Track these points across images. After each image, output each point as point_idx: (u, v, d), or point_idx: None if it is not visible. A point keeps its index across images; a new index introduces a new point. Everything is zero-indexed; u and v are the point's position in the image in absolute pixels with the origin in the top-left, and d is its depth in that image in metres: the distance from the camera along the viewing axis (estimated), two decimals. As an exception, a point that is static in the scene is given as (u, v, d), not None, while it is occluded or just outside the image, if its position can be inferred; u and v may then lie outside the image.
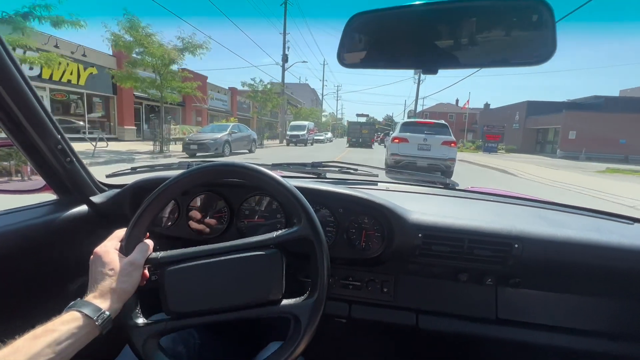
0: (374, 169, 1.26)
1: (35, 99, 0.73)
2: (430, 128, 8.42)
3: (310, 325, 0.56)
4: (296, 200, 0.61)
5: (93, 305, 0.51)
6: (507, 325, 0.99)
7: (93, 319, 0.49)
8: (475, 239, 0.87)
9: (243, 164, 0.64)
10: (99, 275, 0.55)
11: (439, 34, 0.56)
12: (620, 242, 0.84)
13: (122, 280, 0.55)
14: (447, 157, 7.98)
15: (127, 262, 0.57)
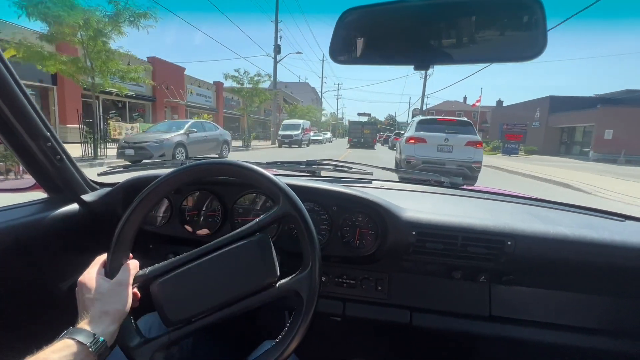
0: (369, 167, 1.27)
1: (24, 97, 0.72)
2: (452, 126, 7.17)
3: (311, 297, 0.56)
4: (272, 183, 0.61)
5: (85, 331, 0.49)
6: (500, 322, 1.00)
7: (86, 345, 0.47)
8: (468, 237, 0.87)
9: (229, 161, 0.63)
10: (87, 301, 0.54)
11: (430, 30, 0.56)
12: (612, 239, 0.85)
13: (112, 301, 0.54)
14: (472, 159, 6.82)
15: (114, 283, 0.56)
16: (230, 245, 0.59)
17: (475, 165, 6.84)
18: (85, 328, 0.50)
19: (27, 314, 0.47)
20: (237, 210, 1.02)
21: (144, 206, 0.61)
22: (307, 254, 0.59)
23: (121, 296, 0.55)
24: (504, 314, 1.00)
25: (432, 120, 7.79)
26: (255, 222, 0.61)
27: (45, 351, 0.45)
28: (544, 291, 1.00)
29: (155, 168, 1.17)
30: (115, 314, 0.53)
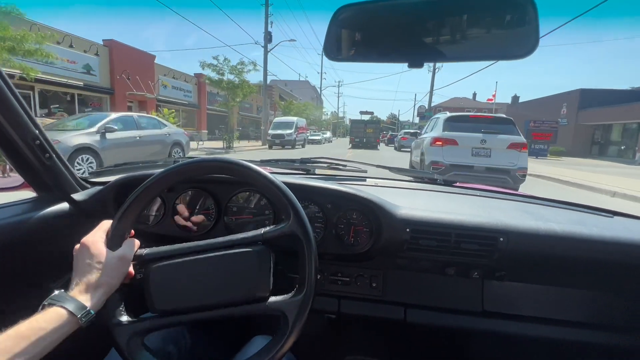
0: (363, 165, 1.29)
1: (10, 93, 0.71)
2: (489, 125, 5.87)
3: (297, 323, 0.56)
4: (284, 196, 0.60)
5: (78, 302, 0.50)
6: (493, 317, 1.01)
7: (77, 317, 0.49)
8: (462, 233, 0.88)
9: (231, 159, 0.63)
10: (86, 267, 0.54)
11: (424, 27, 0.57)
12: (602, 234, 0.86)
13: (109, 274, 0.54)
14: (515, 166, 5.54)
15: (117, 256, 0.56)
16: (231, 249, 0.59)
17: (520, 174, 5.63)
18: (78, 298, 0.50)
19: (16, 315, 0.46)
20: (231, 209, 1.01)
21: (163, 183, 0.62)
22: (304, 279, 0.58)
23: (120, 271, 0.55)
24: (497, 309, 1.02)
25: (464, 118, 6.42)
26: (260, 233, 0.60)
27: (38, 319, 0.46)
28: (535, 286, 1.02)
29: (147, 168, 1.16)
30: (109, 288, 0.54)
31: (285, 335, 0.55)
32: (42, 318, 0.46)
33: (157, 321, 0.57)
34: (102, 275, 0.53)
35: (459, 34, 0.55)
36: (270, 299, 0.58)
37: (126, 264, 0.57)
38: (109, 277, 0.54)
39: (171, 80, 20.60)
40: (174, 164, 0.62)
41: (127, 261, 0.57)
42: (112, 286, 0.54)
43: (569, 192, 7.45)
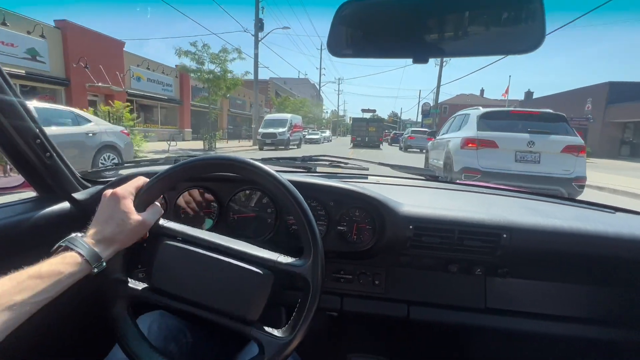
0: (365, 163, 1.27)
1: (11, 92, 0.70)
2: (536, 122, 4.75)
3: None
4: (312, 234, 0.59)
5: (94, 251, 0.52)
6: (496, 314, 1.01)
7: (91, 267, 0.51)
8: (465, 230, 0.88)
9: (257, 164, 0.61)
10: (109, 219, 0.55)
11: (429, 22, 0.56)
12: (605, 230, 0.86)
13: (127, 234, 0.55)
14: (572, 174, 4.44)
15: (139, 220, 0.57)
16: (242, 261, 0.59)
17: (577, 184, 4.44)
18: (96, 249, 0.52)
19: None
20: (233, 207, 1.00)
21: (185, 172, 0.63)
22: (297, 323, 0.57)
23: (136, 234, 0.57)
24: (500, 305, 1.02)
25: (503, 114, 5.04)
26: (274, 260, 0.59)
27: (57, 262, 0.49)
28: (538, 283, 1.02)
29: (148, 165, 1.15)
30: (122, 245, 0.56)
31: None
32: (61, 262, 0.49)
33: (147, 294, 0.59)
34: (121, 232, 0.55)
35: (464, 28, 0.55)
36: (256, 327, 0.57)
37: (145, 229, 0.58)
38: (125, 236, 0.55)
39: (146, 71, 17.83)
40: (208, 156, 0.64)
41: (146, 227, 0.58)
42: (126, 245, 0.57)
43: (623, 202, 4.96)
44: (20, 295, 0.44)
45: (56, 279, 0.47)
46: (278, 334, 0.57)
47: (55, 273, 0.47)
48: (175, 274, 0.58)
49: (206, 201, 1.00)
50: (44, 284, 0.46)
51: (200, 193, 1.00)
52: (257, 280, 0.57)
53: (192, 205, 0.99)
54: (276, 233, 0.97)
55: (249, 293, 0.57)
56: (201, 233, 0.61)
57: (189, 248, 0.59)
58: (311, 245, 0.59)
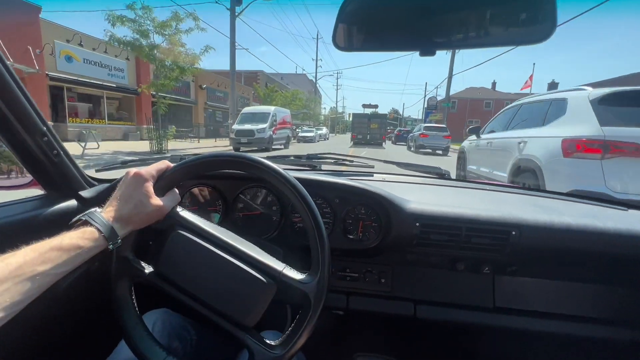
0: (370, 161, 1.27)
1: (19, 90, 0.70)
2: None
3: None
4: (321, 252, 0.59)
5: (112, 229, 0.53)
6: (505, 313, 1.00)
7: (108, 243, 0.52)
8: (472, 227, 0.87)
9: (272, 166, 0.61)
10: (129, 198, 0.56)
11: (435, 14, 0.55)
12: (617, 227, 0.85)
13: (143, 217, 0.56)
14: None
15: (158, 205, 0.57)
16: (248, 265, 0.59)
17: None
18: (113, 225, 0.53)
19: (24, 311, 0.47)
20: (238, 205, 1.01)
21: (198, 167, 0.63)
22: (291, 338, 0.57)
23: (152, 218, 0.58)
24: (508, 304, 1.01)
25: None
26: (280, 272, 0.59)
27: (77, 236, 0.50)
28: (548, 282, 1.01)
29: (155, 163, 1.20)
30: (137, 227, 0.57)
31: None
32: (81, 236, 0.50)
33: (151, 277, 0.59)
34: (138, 214, 0.55)
35: (471, 19, 0.54)
36: (250, 334, 0.57)
37: (161, 214, 0.59)
38: (141, 218, 0.56)
39: (79, 49, 13.24)
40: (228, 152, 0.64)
41: (163, 212, 0.59)
42: (140, 226, 0.57)
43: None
44: (42, 266, 0.45)
45: (76, 253, 0.49)
46: (272, 344, 0.57)
47: (76, 247, 0.49)
48: (182, 264, 0.58)
49: (212, 199, 1.00)
50: (65, 256, 0.47)
51: (206, 191, 1.01)
52: (260, 287, 0.57)
53: (197, 203, 1.00)
54: (281, 231, 0.96)
55: (249, 299, 0.57)
56: (214, 229, 0.61)
57: (198, 241, 0.59)
58: (319, 265, 0.58)
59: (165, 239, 0.59)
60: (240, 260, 0.58)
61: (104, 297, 0.61)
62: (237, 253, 0.59)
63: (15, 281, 0.42)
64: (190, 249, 0.58)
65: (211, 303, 0.57)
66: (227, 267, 0.58)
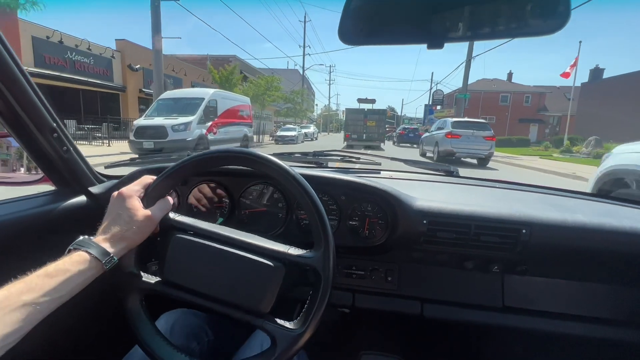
0: (377, 158, 1.28)
1: (30, 88, 0.71)
2: None
3: (283, 356, 0.56)
4: (322, 227, 0.59)
5: (102, 248, 0.53)
6: (514, 313, 0.98)
7: (102, 262, 0.51)
8: (481, 225, 0.85)
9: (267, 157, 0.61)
10: (117, 217, 0.56)
11: (443, 5, 0.54)
12: (634, 226, 0.82)
13: (135, 230, 0.56)
14: None
15: (146, 215, 0.57)
16: (253, 253, 0.59)
17: None
18: (103, 245, 0.53)
19: None
20: (244, 202, 1.01)
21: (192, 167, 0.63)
22: (309, 313, 0.57)
23: (145, 229, 0.57)
24: (518, 304, 0.99)
25: None
26: (286, 253, 0.59)
27: (65, 261, 0.50)
28: (558, 281, 0.99)
29: (162, 162, 1.16)
30: (132, 242, 0.56)
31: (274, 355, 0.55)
32: (68, 261, 0.50)
33: (160, 287, 0.59)
34: (129, 229, 0.55)
35: (480, 10, 0.52)
36: (268, 319, 0.57)
37: (154, 224, 0.58)
38: (134, 232, 0.56)
39: None
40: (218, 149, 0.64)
41: (154, 221, 0.58)
42: (135, 241, 0.57)
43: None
44: (28, 295, 0.44)
45: (64, 277, 0.48)
46: (290, 326, 0.57)
47: (63, 271, 0.48)
48: (187, 267, 0.59)
49: (218, 196, 1.01)
50: (52, 282, 0.46)
51: (212, 187, 1.01)
52: (269, 272, 0.57)
53: (204, 201, 1.01)
54: (287, 228, 0.96)
55: (261, 285, 0.57)
56: (211, 226, 0.62)
57: (199, 241, 0.59)
58: (322, 236, 0.59)
59: (166, 246, 0.59)
60: (243, 250, 0.59)
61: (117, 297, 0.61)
62: (240, 244, 0.59)
63: (3, 313, 0.42)
64: (192, 249, 0.59)
65: (224, 298, 0.58)
66: (233, 259, 0.58)
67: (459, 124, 10.96)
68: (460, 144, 10.50)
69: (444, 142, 10.77)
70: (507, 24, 0.52)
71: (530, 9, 0.51)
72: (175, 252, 0.59)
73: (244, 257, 0.58)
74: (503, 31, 0.53)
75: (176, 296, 0.59)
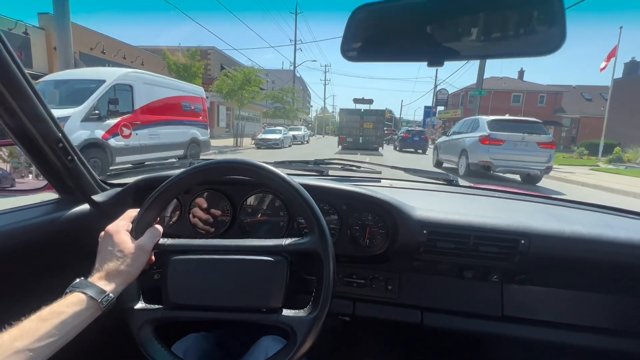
0: (377, 166, 1.28)
1: (36, 98, 0.73)
2: None
3: (305, 342, 0.56)
4: (311, 211, 0.61)
5: (97, 287, 0.52)
6: (513, 322, 0.99)
7: (98, 301, 0.51)
8: (480, 235, 0.86)
9: (255, 163, 0.63)
10: (108, 255, 0.56)
11: (443, 25, 0.56)
12: (630, 237, 0.83)
13: (129, 263, 0.56)
14: None
15: (137, 246, 0.57)
16: (251, 254, 0.60)
17: None
18: (98, 284, 0.53)
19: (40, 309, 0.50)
20: (246, 210, 1.01)
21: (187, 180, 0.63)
22: (318, 297, 0.58)
23: (139, 261, 0.57)
24: (517, 314, 1.00)
25: None
26: (282, 244, 0.60)
27: (60, 304, 0.49)
28: (557, 291, 0.99)
29: (165, 169, 1.16)
30: (128, 276, 0.56)
31: (292, 352, 0.56)
32: (63, 303, 0.49)
33: (168, 313, 0.59)
34: (122, 264, 0.55)
35: (479, 31, 0.54)
36: (282, 312, 0.58)
37: (146, 254, 0.58)
38: (128, 266, 0.55)
39: None
40: (204, 162, 0.64)
41: (147, 251, 0.58)
42: (132, 274, 0.56)
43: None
44: (21, 342, 0.43)
45: (59, 320, 0.46)
46: (304, 313, 0.58)
47: (57, 314, 0.47)
48: (191, 285, 0.59)
49: (220, 204, 1.01)
50: (46, 326, 0.45)
51: (214, 196, 1.01)
52: (271, 267, 0.58)
53: (206, 208, 1.01)
54: (289, 236, 0.93)
55: (267, 282, 0.58)
56: (204, 241, 0.62)
57: (197, 257, 0.60)
58: (314, 221, 0.60)
59: (165, 272, 0.59)
60: (241, 254, 0.59)
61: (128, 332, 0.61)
62: (236, 249, 0.60)
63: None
64: (192, 267, 0.59)
65: (234, 304, 0.58)
66: (233, 265, 0.59)
67: (501, 125, 7.52)
68: (504, 153, 7.06)
69: (478, 150, 7.33)
70: (504, 45, 0.54)
71: (526, 33, 0.52)
72: (175, 275, 0.59)
73: (243, 260, 0.59)
74: (500, 51, 0.55)
75: (187, 317, 0.60)
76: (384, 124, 18.18)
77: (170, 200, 0.67)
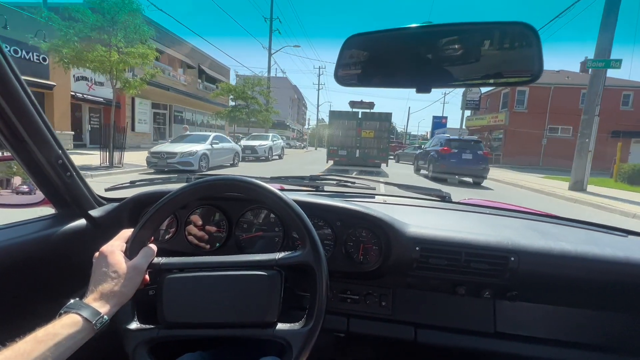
0: (372, 182, 1.30)
1: (37, 114, 0.73)
2: None
3: (301, 355, 0.57)
4: (303, 225, 0.62)
5: (92, 308, 0.52)
6: (506, 339, 0.99)
7: (92, 323, 0.51)
8: (471, 252, 0.88)
9: (248, 179, 0.64)
10: (102, 276, 0.56)
11: (431, 55, 0.59)
12: (615, 255, 0.85)
13: (124, 284, 0.56)
14: None
15: (131, 267, 0.58)
16: (245, 269, 0.60)
17: None
18: (92, 305, 0.53)
19: (33, 329, 0.49)
20: (242, 226, 1.02)
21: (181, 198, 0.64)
22: (312, 310, 0.59)
23: (133, 281, 0.57)
24: (510, 330, 1.00)
25: None
26: (275, 259, 0.61)
27: (55, 325, 0.49)
28: (549, 307, 1.00)
29: (162, 183, 1.18)
30: (123, 296, 0.56)
31: None
32: (58, 324, 0.49)
33: (164, 332, 0.59)
34: (117, 284, 0.55)
35: (464, 61, 0.57)
36: (277, 327, 0.58)
37: (140, 274, 0.58)
38: (123, 286, 0.56)
39: None
40: (198, 180, 0.65)
41: (141, 271, 0.59)
42: (126, 295, 0.56)
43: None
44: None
45: (54, 342, 0.46)
46: (299, 325, 0.58)
47: (52, 335, 0.47)
48: (186, 303, 0.59)
49: (216, 219, 1.02)
50: (40, 347, 0.45)
51: (210, 211, 1.02)
52: (265, 282, 0.59)
53: (202, 225, 1.01)
54: (284, 251, 0.94)
55: (261, 297, 0.58)
56: (198, 258, 0.63)
57: (191, 275, 0.60)
58: (305, 234, 0.60)
59: (160, 291, 0.59)
60: (235, 270, 0.60)
61: None
62: (230, 265, 0.61)
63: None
64: (187, 285, 0.60)
65: (230, 320, 0.58)
66: (227, 281, 0.59)
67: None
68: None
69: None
70: (487, 75, 0.58)
71: (507, 63, 0.56)
72: (170, 293, 0.59)
73: (237, 275, 0.59)
74: (484, 81, 0.60)
75: (183, 335, 0.60)
76: (389, 132, 13.14)
77: (165, 218, 0.67)
